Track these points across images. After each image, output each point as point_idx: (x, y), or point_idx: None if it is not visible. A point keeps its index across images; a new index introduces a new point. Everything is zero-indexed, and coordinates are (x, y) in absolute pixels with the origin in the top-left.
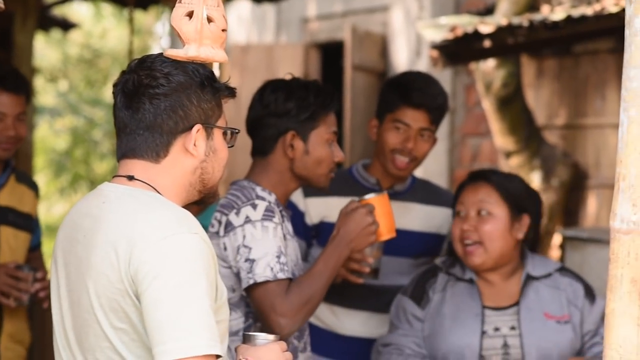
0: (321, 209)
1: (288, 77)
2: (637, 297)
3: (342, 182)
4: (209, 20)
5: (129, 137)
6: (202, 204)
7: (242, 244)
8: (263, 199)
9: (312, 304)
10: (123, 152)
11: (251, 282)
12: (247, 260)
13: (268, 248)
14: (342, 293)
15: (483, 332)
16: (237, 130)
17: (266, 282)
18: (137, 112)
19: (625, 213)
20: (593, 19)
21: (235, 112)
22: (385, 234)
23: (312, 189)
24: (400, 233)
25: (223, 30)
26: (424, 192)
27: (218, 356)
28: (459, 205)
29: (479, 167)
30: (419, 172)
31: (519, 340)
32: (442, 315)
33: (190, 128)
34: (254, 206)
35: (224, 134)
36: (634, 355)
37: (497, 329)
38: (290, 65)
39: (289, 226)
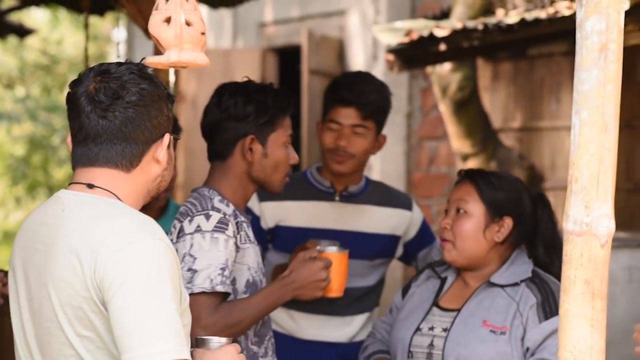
0: (276, 212)
1: (243, 80)
2: (590, 298)
3: (296, 185)
4: (188, 24)
5: (102, 147)
6: (147, 209)
7: (188, 253)
8: (218, 210)
9: (237, 329)
10: (90, 160)
11: (188, 292)
12: (189, 269)
13: (213, 260)
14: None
15: (418, 329)
16: (179, 138)
17: (201, 292)
18: (113, 123)
19: (578, 215)
20: (547, 22)
21: (193, 116)
22: (334, 292)
23: (267, 193)
24: (355, 235)
25: (202, 33)
26: (378, 194)
27: None
28: (447, 203)
29: (436, 171)
30: (375, 176)
31: (443, 342)
32: (403, 308)
33: (161, 137)
34: (208, 216)
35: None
36: (587, 356)
37: (431, 328)
38: (248, 70)
39: (249, 232)
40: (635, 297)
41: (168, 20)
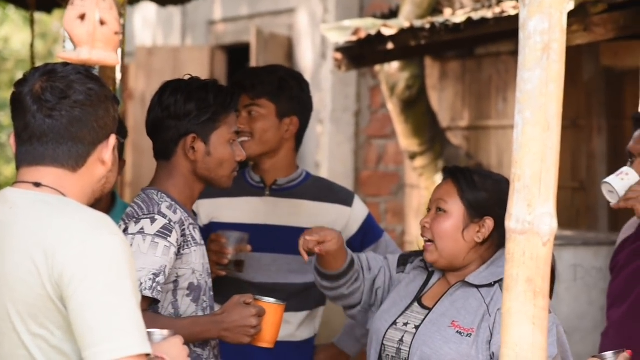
0: (210, 210)
1: (187, 77)
2: (532, 297)
3: (233, 182)
4: (102, 23)
5: (48, 146)
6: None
7: None
8: (164, 216)
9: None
10: (36, 160)
11: None
12: None
13: (149, 264)
14: (231, 293)
15: (394, 323)
16: (123, 141)
17: None
18: (60, 122)
19: (521, 213)
20: (493, 22)
21: (142, 114)
22: (265, 343)
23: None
24: (288, 230)
25: (116, 33)
26: (316, 189)
27: (148, 354)
28: (429, 202)
29: (384, 169)
30: (323, 174)
31: (411, 339)
32: (388, 298)
33: (107, 138)
34: (153, 220)
35: (120, 144)
36: (529, 354)
37: (406, 324)
38: (197, 68)
39: (195, 234)
40: (579, 295)
41: (82, 17)
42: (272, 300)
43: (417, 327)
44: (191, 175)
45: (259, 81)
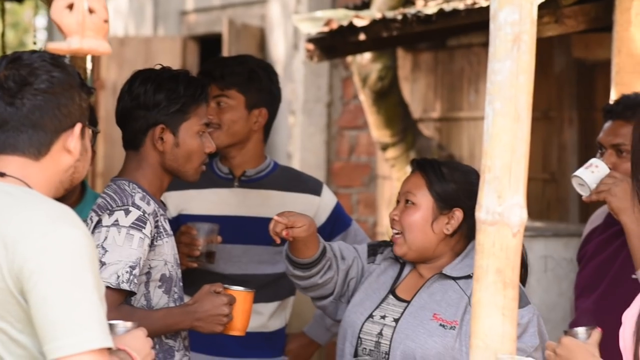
0: (179, 202)
1: (157, 67)
2: (502, 287)
3: (201, 173)
4: (90, 11)
5: (9, 134)
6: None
7: (101, 244)
8: (138, 207)
9: None
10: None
11: None
12: (98, 261)
13: (124, 257)
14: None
15: (371, 316)
16: (99, 131)
17: (106, 287)
18: (21, 109)
19: (491, 204)
20: (465, 13)
21: (113, 104)
22: (236, 331)
23: (170, 183)
24: (257, 221)
25: (105, 21)
26: (284, 179)
27: (109, 348)
28: (398, 194)
29: (356, 160)
30: (295, 165)
31: (391, 333)
32: (359, 289)
33: (72, 126)
34: (127, 212)
35: (94, 134)
36: (499, 344)
37: (383, 317)
38: (169, 58)
39: (166, 225)
40: (550, 286)
41: (71, 6)
42: (241, 288)
43: (396, 320)
44: (159, 166)
45: (228, 72)
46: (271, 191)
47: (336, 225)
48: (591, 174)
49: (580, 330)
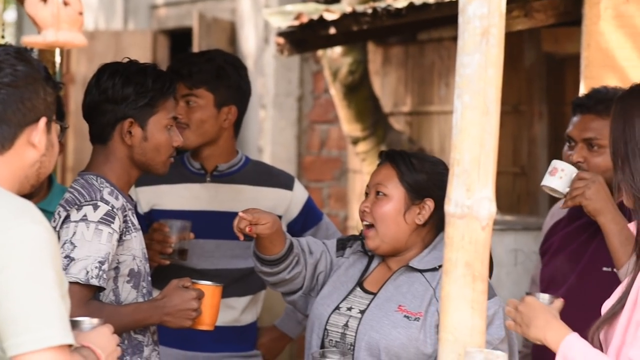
0: (151, 197)
1: (125, 60)
2: (471, 280)
3: (172, 169)
4: (65, 3)
5: None
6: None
7: (69, 240)
8: (107, 202)
9: None
10: None
11: None
12: (67, 257)
13: (93, 252)
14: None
15: (337, 308)
16: (67, 126)
17: (75, 283)
18: None
19: (460, 198)
20: (435, 7)
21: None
22: (205, 325)
23: (142, 178)
24: (230, 215)
25: (80, 13)
26: (256, 174)
27: (70, 345)
28: (366, 187)
29: (327, 154)
30: (266, 159)
31: (357, 324)
32: (327, 282)
33: (37, 121)
34: (95, 207)
35: (62, 129)
36: (468, 337)
37: (349, 309)
38: (139, 52)
39: (134, 220)
40: (520, 279)
41: None
42: (209, 282)
43: (362, 312)
44: (127, 160)
45: (196, 70)
46: (243, 186)
47: (308, 219)
48: (560, 180)
49: (544, 296)
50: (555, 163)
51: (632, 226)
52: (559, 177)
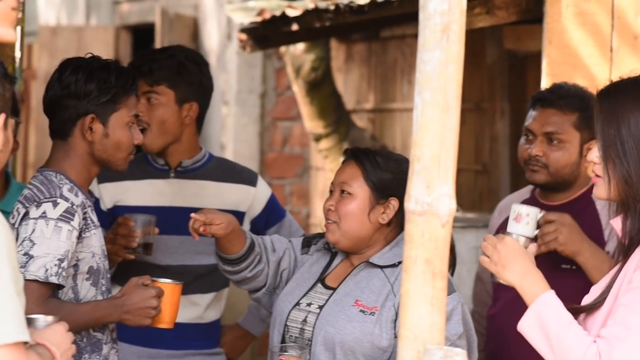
0: (114, 193)
1: (88, 56)
2: (431, 277)
3: (135, 165)
4: None
5: None
6: None
7: (28, 237)
8: (67, 199)
9: None
10: None
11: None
12: (25, 254)
13: (53, 249)
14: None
15: (298, 304)
16: (20, 121)
17: (34, 280)
18: None
19: (420, 195)
20: (397, 4)
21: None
22: (164, 323)
23: (105, 174)
24: (194, 211)
25: (13, 8)
26: (220, 170)
27: (26, 342)
28: (331, 184)
29: (290, 151)
30: (229, 156)
31: (314, 319)
32: (291, 279)
33: None
34: (55, 204)
35: (16, 124)
36: (427, 334)
37: (309, 304)
38: (101, 48)
39: (93, 217)
40: None
41: None
42: (169, 280)
43: (320, 307)
44: (88, 156)
45: (157, 66)
46: (207, 182)
47: (271, 216)
48: (527, 226)
49: (522, 238)
50: (518, 209)
51: (615, 222)
52: (525, 222)
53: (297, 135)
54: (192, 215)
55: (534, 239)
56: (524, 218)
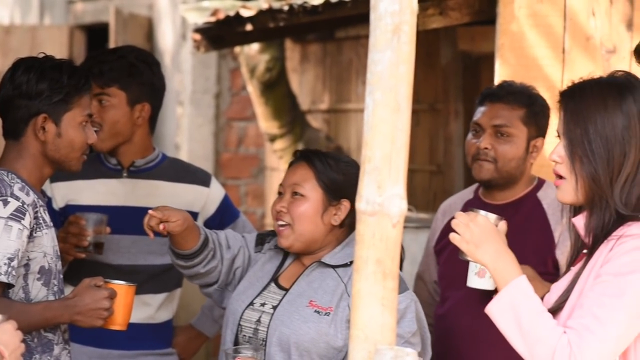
0: (66, 192)
1: (40, 55)
2: (382, 278)
3: (88, 165)
4: None
5: None
6: None
7: None
8: (17, 198)
9: None
10: None
11: None
12: None
13: (3, 248)
14: (90, 276)
15: (251, 303)
16: None
17: None
18: None
19: (371, 195)
20: (351, 4)
21: None
22: (117, 325)
23: (57, 174)
24: (146, 211)
25: None
26: (173, 170)
27: None
28: (280, 186)
29: (245, 152)
30: (183, 156)
31: (269, 320)
32: (244, 278)
33: None
34: (5, 203)
35: None
36: (378, 335)
37: (263, 304)
38: (55, 47)
39: (46, 216)
40: None
41: None
42: (122, 282)
43: (274, 308)
44: (41, 156)
45: (107, 68)
46: (160, 182)
47: (225, 217)
48: (490, 279)
49: (491, 215)
50: (475, 266)
51: (577, 219)
52: (488, 277)
53: (252, 135)
54: (150, 211)
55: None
56: (478, 269)
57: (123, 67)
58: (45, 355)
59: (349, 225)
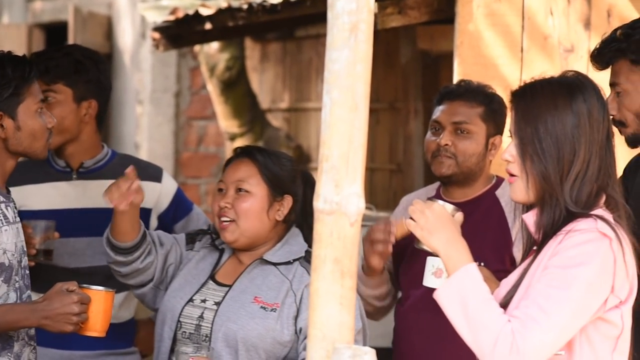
0: (17, 197)
1: None
2: (339, 277)
3: (37, 168)
4: None
5: None
6: None
7: None
8: None
9: None
10: None
11: None
12: None
13: None
14: (48, 280)
15: (191, 300)
16: None
17: None
18: None
19: (328, 194)
20: (310, 3)
21: None
22: (94, 331)
23: (7, 180)
24: (99, 212)
25: None
26: (123, 168)
27: None
28: (220, 183)
29: (205, 151)
30: (143, 155)
31: (212, 316)
32: (178, 275)
33: None
34: None
35: None
36: (336, 333)
37: (204, 301)
38: (14, 46)
39: (7, 213)
40: None
41: None
42: (100, 288)
43: (217, 304)
44: (3, 151)
45: (53, 65)
46: (111, 181)
47: (178, 210)
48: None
49: (448, 206)
50: (439, 263)
51: (528, 216)
52: (445, 277)
53: (212, 134)
54: (127, 170)
55: None
56: (444, 273)
57: (69, 64)
58: (5, 351)
59: (288, 221)
